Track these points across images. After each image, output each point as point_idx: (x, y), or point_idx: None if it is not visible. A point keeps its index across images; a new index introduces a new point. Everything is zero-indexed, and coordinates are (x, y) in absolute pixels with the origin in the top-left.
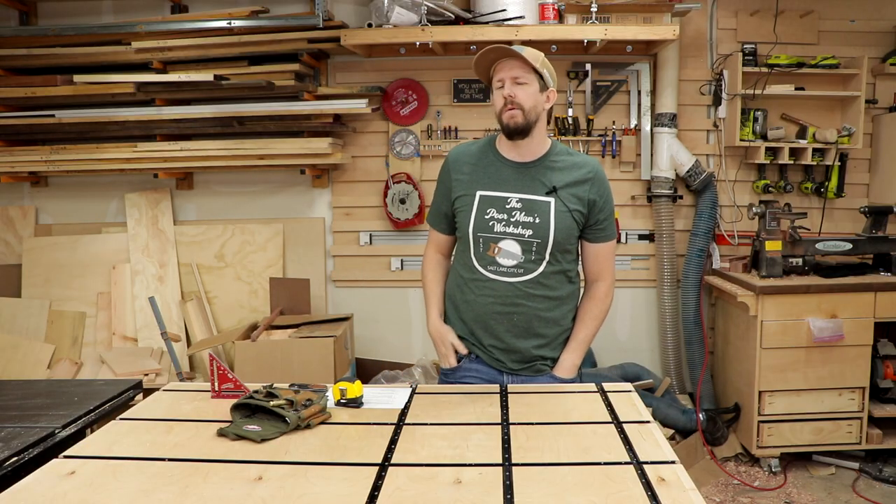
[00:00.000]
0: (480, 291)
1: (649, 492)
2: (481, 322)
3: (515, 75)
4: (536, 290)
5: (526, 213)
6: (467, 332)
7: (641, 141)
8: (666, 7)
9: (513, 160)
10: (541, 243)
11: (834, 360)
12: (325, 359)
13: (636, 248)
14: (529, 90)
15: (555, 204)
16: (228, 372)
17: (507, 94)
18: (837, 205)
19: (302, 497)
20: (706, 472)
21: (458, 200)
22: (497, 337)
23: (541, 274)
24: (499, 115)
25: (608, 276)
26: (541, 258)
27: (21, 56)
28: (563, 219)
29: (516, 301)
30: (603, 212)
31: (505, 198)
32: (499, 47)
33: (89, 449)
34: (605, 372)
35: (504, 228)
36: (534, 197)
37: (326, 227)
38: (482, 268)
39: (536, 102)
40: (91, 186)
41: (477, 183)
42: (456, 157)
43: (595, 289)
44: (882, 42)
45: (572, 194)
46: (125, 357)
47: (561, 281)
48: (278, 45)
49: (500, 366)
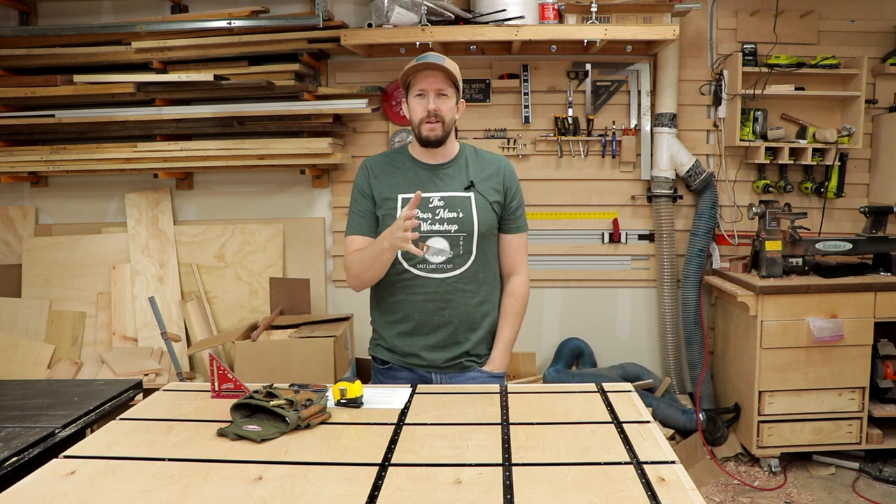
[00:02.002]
0: (411, 290)
1: (649, 492)
2: (411, 322)
3: (439, 88)
4: (467, 284)
5: (449, 210)
6: (388, 346)
7: (641, 141)
8: (666, 7)
9: (428, 163)
10: (467, 236)
11: (834, 360)
12: (325, 359)
13: (636, 248)
14: (450, 103)
15: (475, 198)
16: (228, 372)
17: (432, 108)
18: (837, 205)
19: (302, 497)
20: (706, 472)
21: (381, 206)
22: (427, 336)
23: (469, 268)
24: (417, 126)
25: (523, 268)
26: (469, 251)
27: (21, 56)
28: (484, 210)
29: (447, 297)
30: (515, 201)
31: (427, 197)
32: (430, 62)
33: (89, 449)
34: (605, 372)
35: (430, 227)
36: (454, 193)
37: (326, 227)
38: (412, 266)
39: (454, 115)
40: (91, 186)
41: (397, 187)
42: (372, 164)
43: (513, 283)
44: (882, 42)
45: (489, 187)
46: (125, 357)
47: (487, 275)
48: (278, 45)
49: (426, 369)
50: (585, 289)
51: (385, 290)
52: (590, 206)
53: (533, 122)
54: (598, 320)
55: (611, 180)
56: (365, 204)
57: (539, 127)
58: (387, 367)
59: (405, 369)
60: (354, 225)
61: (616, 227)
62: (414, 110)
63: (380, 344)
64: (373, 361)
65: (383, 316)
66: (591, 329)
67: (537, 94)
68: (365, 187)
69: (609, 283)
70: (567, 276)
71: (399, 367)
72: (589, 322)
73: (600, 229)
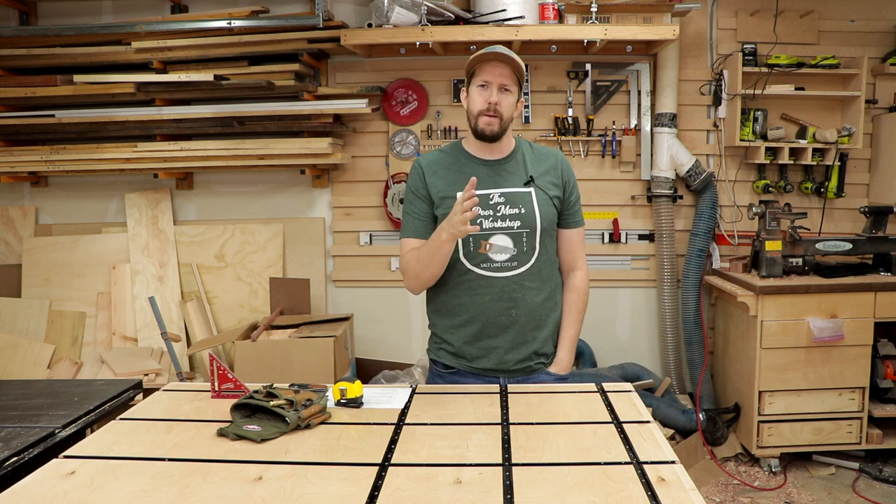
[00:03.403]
0: (475, 291)
1: (649, 492)
2: (476, 323)
3: (504, 83)
4: (532, 282)
5: (510, 206)
6: (454, 351)
7: (641, 141)
8: (666, 7)
9: (485, 158)
10: (530, 233)
11: (834, 360)
12: (325, 359)
13: (636, 248)
14: (511, 99)
15: (535, 193)
16: (228, 372)
17: (493, 101)
18: (837, 205)
19: (302, 497)
20: (706, 472)
21: (440, 205)
22: (495, 337)
23: (534, 264)
24: (475, 117)
25: (583, 263)
26: (532, 248)
27: (21, 56)
28: (545, 205)
29: (513, 295)
30: (573, 195)
31: (487, 194)
32: (501, 53)
33: (89, 449)
34: (605, 372)
35: (492, 224)
36: (514, 189)
37: (326, 227)
38: (474, 266)
39: (513, 112)
40: (91, 186)
41: (455, 185)
42: (427, 162)
43: (573, 279)
44: (882, 42)
45: (548, 181)
46: (125, 357)
47: (551, 272)
48: (278, 45)
49: (495, 373)
50: None
51: (447, 294)
52: (590, 206)
53: (533, 122)
54: (598, 320)
55: (611, 180)
56: (420, 205)
57: (539, 127)
58: (451, 371)
59: (472, 374)
60: (409, 227)
61: (616, 227)
62: (474, 100)
63: (443, 349)
64: (432, 364)
65: (446, 320)
66: (591, 329)
67: (537, 94)
68: (420, 187)
69: (609, 283)
70: None
71: (465, 372)
72: (589, 322)
73: (600, 229)
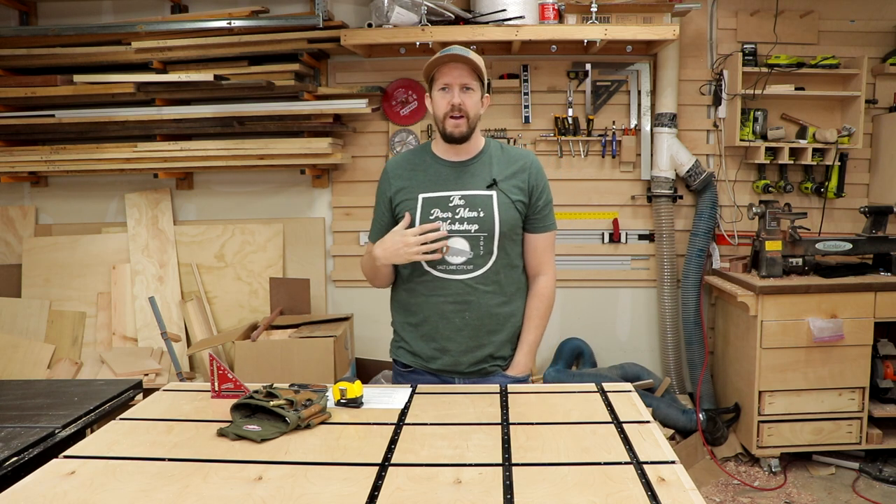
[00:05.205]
0: (431, 292)
1: (649, 492)
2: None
3: (465, 82)
4: (487, 285)
5: (470, 209)
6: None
7: (641, 141)
8: (666, 7)
9: (450, 160)
10: (487, 237)
11: (834, 360)
12: (325, 359)
13: (636, 248)
14: (475, 97)
15: (497, 196)
16: (228, 372)
17: (456, 102)
18: (837, 205)
19: (302, 497)
20: (706, 472)
21: (399, 206)
22: (448, 338)
23: (490, 268)
24: (441, 120)
25: (549, 269)
26: (489, 252)
27: (21, 56)
28: (506, 210)
29: (467, 298)
30: (541, 199)
31: (447, 196)
32: (456, 55)
33: (89, 449)
34: (605, 372)
35: (450, 226)
36: (475, 192)
37: (326, 227)
38: (431, 268)
39: (478, 110)
40: (91, 186)
41: (417, 187)
42: (393, 166)
43: (538, 284)
44: (882, 42)
45: (513, 185)
46: (125, 357)
47: (510, 276)
48: (278, 45)
49: (450, 374)
50: (585, 289)
51: (405, 292)
52: (590, 206)
53: (533, 122)
54: (598, 320)
55: (611, 180)
56: (381, 211)
57: (539, 127)
58: (409, 370)
59: (428, 373)
60: (373, 231)
61: (616, 227)
62: (438, 104)
63: (402, 347)
64: (394, 365)
65: (402, 317)
66: (591, 329)
67: (537, 94)
68: (385, 191)
69: (609, 283)
70: (567, 276)
71: (422, 371)
72: (589, 322)
73: (600, 229)
